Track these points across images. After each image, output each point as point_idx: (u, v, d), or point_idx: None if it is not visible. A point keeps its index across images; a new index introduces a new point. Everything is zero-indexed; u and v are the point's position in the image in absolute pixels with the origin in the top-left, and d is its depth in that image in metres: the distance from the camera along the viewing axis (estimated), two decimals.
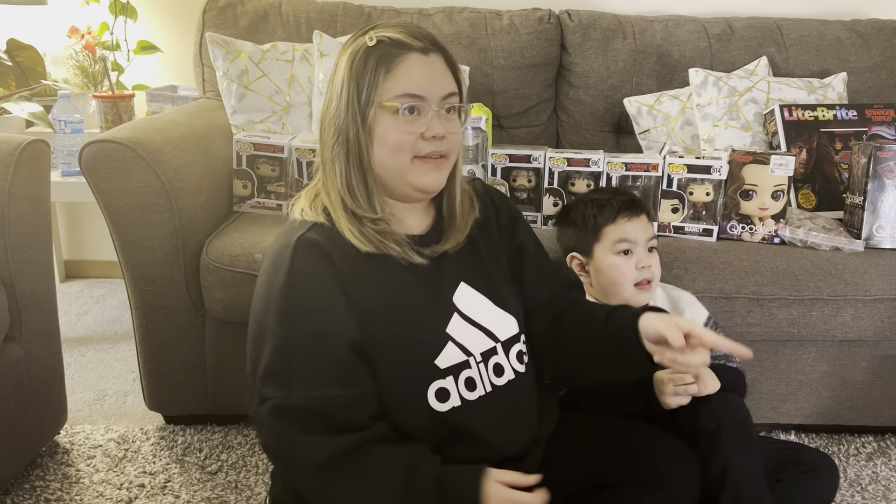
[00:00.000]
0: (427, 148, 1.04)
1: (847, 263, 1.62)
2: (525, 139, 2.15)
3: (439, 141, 1.05)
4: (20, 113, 1.94)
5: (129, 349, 2.11)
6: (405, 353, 1.04)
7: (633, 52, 2.11)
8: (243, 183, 1.79)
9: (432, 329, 1.07)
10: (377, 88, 1.02)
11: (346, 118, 1.04)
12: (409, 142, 1.03)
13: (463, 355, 1.07)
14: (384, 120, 1.03)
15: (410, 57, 1.03)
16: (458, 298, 1.10)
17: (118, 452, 1.65)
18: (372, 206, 1.06)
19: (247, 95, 1.94)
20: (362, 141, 1.04)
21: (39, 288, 1.52)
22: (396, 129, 1.03)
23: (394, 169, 1.05)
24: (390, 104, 1.02)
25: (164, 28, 2.37)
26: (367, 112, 1.03)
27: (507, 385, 1.11)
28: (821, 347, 1.67)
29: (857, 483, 1.63)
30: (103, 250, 2.61)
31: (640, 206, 1.48)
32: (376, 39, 1.04)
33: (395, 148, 1.04)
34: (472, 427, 1.07)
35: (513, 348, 1.13)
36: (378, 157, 1.05)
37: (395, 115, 1.03)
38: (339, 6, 2.13)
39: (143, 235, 1.54)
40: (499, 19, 2.12)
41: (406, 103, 1.03)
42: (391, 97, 1.02)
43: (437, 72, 1.06)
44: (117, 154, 1.50)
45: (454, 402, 1.06)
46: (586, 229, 1.47)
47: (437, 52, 1.06)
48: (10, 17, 2.31)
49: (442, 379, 1.05)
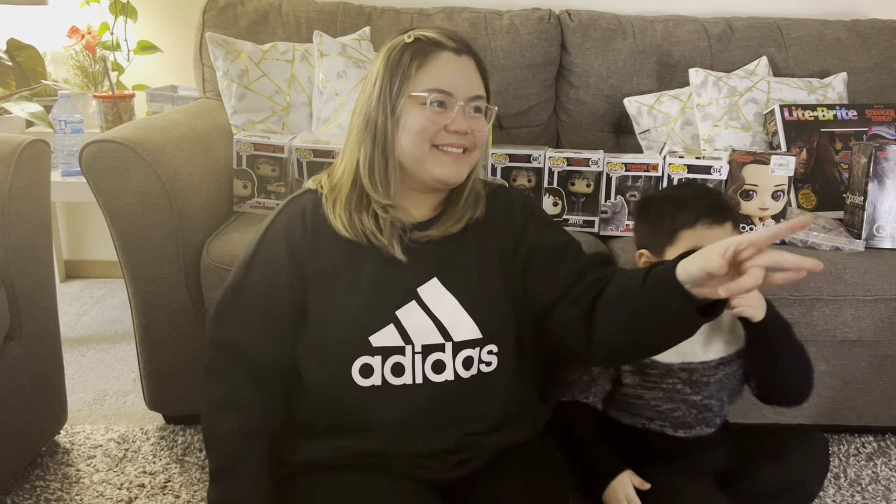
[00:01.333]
0: (447, 139, 1.10)
1: (847, 263, 1.62)
2: (525, 139, 2.15)
3: (462, 136, 1.11)
4: (20, 113, 1.94)
5: (129, 349, 2.11)
6: (342, 321, 1.11)
7: (633, 52, 2.11)
8: (243, 183, 1.79)
9: (380, 308, 1.11)
10: (409, 81, 1.10)
11: (377, 107, 1.11)
12: (432, 130, 1.10)
13: (401, 341, 1.11)
14: (413, 110, 1.10)
15: (444, 55, 1.11)
16: (425, 290, 1.13)
17: (118, 452, 1.65)
18: (387, 190, 1.12)
19: (247, 95, 1.94)
20: (389, 129, 1.11)
21: (39, 288, 1.52)
22: (422, 118, 1.10)
23: (414, 155, 1.11)
24: (420, 95, 1.09)
25: (164, 28, 2.38)
26: (398, 102, 1.10)
27: (442, 384, 1.12)
28: (821, 347, 1.67)
29: (857, 483, 1.63)
30: (103, 250, 2.62)
31: (725, 213, 1.30)
32: (413, 37, 1.12)
33: (416, 133, 1.09)
34: (385, 409, 1.11)
35: (463, 352, 1.13)
36: (401, 144, 1.11)
37: (423, 107, 1.09)
38: (339, 6, 2.13)
39: (143, 235, 1.54)
40: (499, 19, 2.12)
41: (434, 96, 1.09)
42: (422, 89, 1.09)
43: (467, 72, 1.13)
44: (117, 154, 1.50)
45: (375, 381, 1.11)
46: (660, 230, 1.32)
47: (469, 56, 1.14)
48: (10, 17, 2.31)
49: (370, 356, 1.10)
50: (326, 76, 1.92)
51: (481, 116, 1.15)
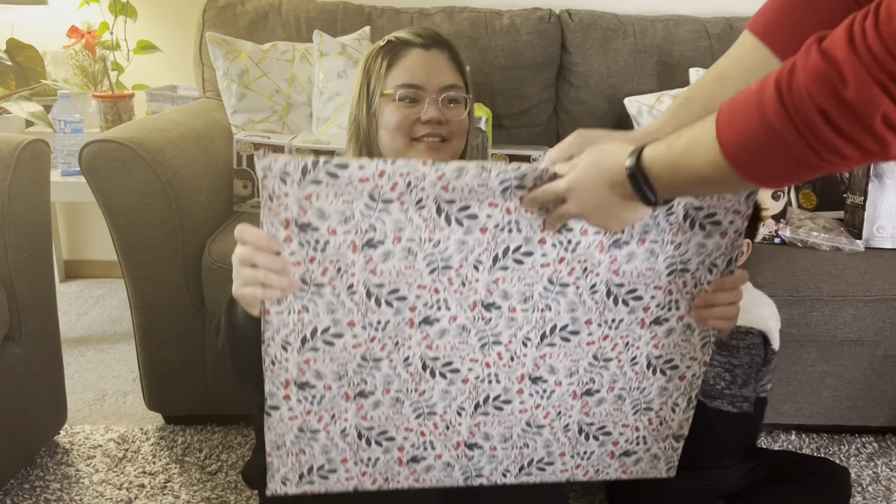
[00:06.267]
0: (423, 130, 1.15)
1: (847, 263, 1.62)
2: (525, 139, 2.15)
3: (437, 125, 1.14)
4: (20, 113, 1.93)
5: (129, 349, 2.11)
6: None
7: (633, 52, 2.11)
8: (243, 183, 1.79)
9: None
10: (381, 81, 1.17)
11: (358, 106, 1.19)
12: (406, 125, 1.14)
13: None
14: (386, 108, 1.16)
15: (412, 52, 1.17)
16: None
17: (118, 452, 1.65)
18: None
19: (247, 95, 1.94)
20: (370, 126, 1.18)
21: (39, 288, 1.52)
22: (396, 114, 1.15)
23: (395, 150, 1.16)
24: (389, 93, 1.15)
25: (164, 28, 2.37)
26: (373, 102, 1.17)
27: None
28: (821, 347, 1.67)
29: (858, 483, 1.62)
30: (103, 250, 2.61)
31: None
32: (387, 40, 1.19)
33: (393, 129, 1.15)
34: None
35: None
36: (383, 141, 1.17)
37: (395, 103, 1.15)
38: (339, 6, 2.13)
39: (142, 235, 1.54)
40: (499, 19, 2.12)
41: (402, 91, 1.15)
42: (391, 87, 1.16)
43: (436, 65, 1.17)
44: (117, 154, 1.50)
45: None
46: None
47: (439, 48, 1.18)
48: (10, 17, 2.31)
49: None
50: (326, 76, 1.91)
51: (458, 106, 1.18)
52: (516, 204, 0.88)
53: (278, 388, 0.93)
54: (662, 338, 0.99)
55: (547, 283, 0.93)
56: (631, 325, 0.97)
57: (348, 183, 0.83)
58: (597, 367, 0.99)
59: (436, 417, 0.99)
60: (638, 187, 0.78)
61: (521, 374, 0.98)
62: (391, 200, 0.85)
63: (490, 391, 0.99)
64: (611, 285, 0.94)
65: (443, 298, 0.92)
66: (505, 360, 0.97)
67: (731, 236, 0.94)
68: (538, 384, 0.99)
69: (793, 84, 0.62)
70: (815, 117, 0.61)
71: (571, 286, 0.94)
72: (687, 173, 0.74)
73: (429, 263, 0.89)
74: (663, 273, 0.95)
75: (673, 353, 1.00)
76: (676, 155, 0.74)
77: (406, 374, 0.95)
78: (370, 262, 0.88)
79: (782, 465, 1.40)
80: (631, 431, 1.05)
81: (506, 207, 0.88)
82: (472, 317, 0.93)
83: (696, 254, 0.94)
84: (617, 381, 1.01)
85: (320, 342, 0.91)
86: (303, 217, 0.84)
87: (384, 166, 0.83)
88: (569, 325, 0.96)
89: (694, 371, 1.02)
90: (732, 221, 0.92)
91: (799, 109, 0.61)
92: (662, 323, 0.98)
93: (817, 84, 0.60)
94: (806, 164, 0.64)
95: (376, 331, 0.92)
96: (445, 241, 0.89)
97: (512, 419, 1.01)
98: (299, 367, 0.92)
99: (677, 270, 0.95)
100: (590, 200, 0.82)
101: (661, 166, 0.76)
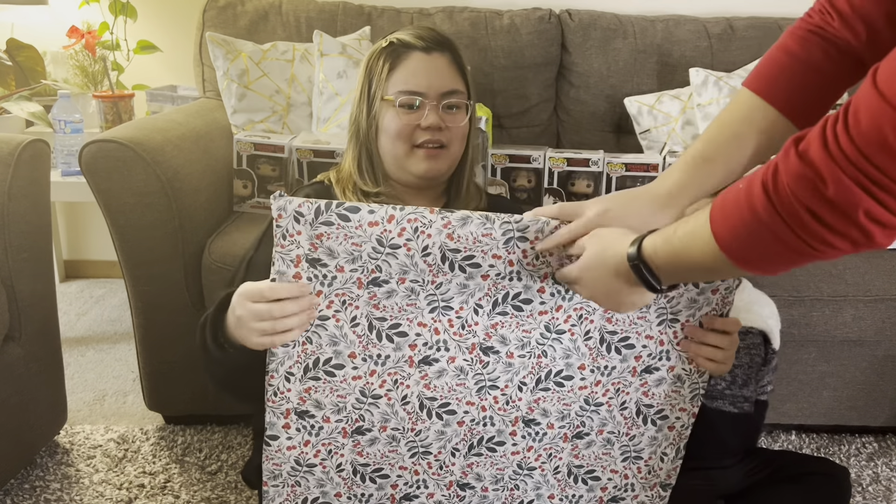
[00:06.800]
0: (423, 137, 1.15)
1: (847, 263, 1.62)
2: (525, 139, 2.15)
3: (436, 131, 1.14)
4: (20, 113, 1.93)
5: (129, 349, 2.11)
6: None
7: (633, 52, 2.11)
8: (244, 183, 1.79)
9: None
10: (382, 84, 1.16)
11: (359, 108, 1.19)
12: (407, 132, 1.15)
13: None
14: (387, 113, 1.16)
15: (413, 56, 1.16)
16: None
17: (118, 452, 1.65)
18: (377, 184, 1.18)
19: (247, 95, 1.93)
20: (371, 129, 1.18)
21: (39, 288, 1.52)
22: (396, 120, 1.15)
23: (395, 155, 1.16)
24: (390, 98, 1.15)
25: (164, 28, 2.37)
26: (374, 106, 1.17)
27: None
28: (821, 347, 1.67)
29: (858, 483, 1.62)
30: (103, 250, 2.61)
31: None
32: (388, 41, 1.18)
33: (394, 136, 1.15)
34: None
35: None
36: (383, 145, 1.17)
37: (395, 109, 1.14)
38: (339, 6, 2.13)
39: (143, 235, 1.54)
40: (499, 19, 2.12)
41: (403, 98, 1.14)
42: (392, 92, 1.15)
43: (437, 69, 1.15)
44: (117, 154, 1.50)
45: None
46: None
47: (441, 51, 1.16)
48: (10, 17, 2.31)
49: None
50: (326, 76, 1.91)
51: (459, 112, 1.18)
52: (519, 257, 0.90)
53: (279, 417, 0.95)
54: (653, 387, 1.00)
55: (544, 329, 0.95)
56: (623, 372, 0.99)
57: (358, 226, 0.86)
58: (588, 410, 1.01)
59: (430, 457, 1.00)
60: (642, 277, 0.81)
61: (515, 418, 0.99)
62: (398, 246, 0.87)
63: (484, 433, 1.00)
64: (604, 332, 0.96)
65: (442, 340, 0.93)
66: (500, 403, 0.98)
67: (721, 293, 0.95)
68: (531, 427, 1.00)
69: (777, 185, 0.65)
70: (802, 214, 0.63)
71: (567, 333, 0.95)
72: (687, 264, 0.77)
73: (430, 303, 0.91)
74: (654, 323, 0.96)
75: (663, 404, 1.02)
76: (676, 248, 0.77)
77: (403, 412, 0.97)
78: (374, 297, 0.90)
79: (782, 465, 1.39)
80: (620, 478, 1.06)
81: (508, 260, 0.90)
82: (471, 359, 0.95)
83: (687, 307, 0.96)
84: (606, 424, 1.02)
85: (322, 372, 0.93)
86: (313, 253, 0.87)
87: (393, 212, 0.86)
88: (563, 370, 0.98)
89: (683, 422, 1.03)
90: (724, 281, 0.94)
91: (786, 206, 0.64)
92: (653, 372, 0.99)
93: (800, 185, 0.63)
94: (799, 254, 0.66)
95: (376, 364, 0.93)
96: (447, 283, 0.90)
97: (504, 461, 1.02)
98: (300, 396, 0.94)
99: (667, 321, 0.96)
100: (598, 287, 0.85)
101: (662, 258, 0.79)
